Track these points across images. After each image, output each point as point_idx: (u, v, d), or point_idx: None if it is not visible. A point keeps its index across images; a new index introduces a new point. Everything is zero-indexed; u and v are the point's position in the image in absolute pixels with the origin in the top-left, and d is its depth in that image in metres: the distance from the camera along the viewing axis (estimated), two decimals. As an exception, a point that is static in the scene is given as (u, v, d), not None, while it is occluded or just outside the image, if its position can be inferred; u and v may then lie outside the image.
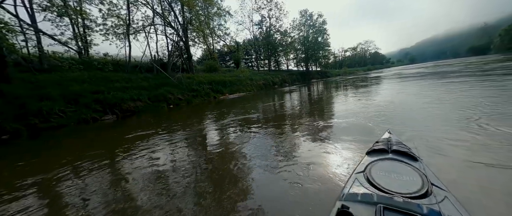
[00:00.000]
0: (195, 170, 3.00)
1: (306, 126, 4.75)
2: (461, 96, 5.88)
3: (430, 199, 0.97)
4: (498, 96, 5.25)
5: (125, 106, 10.47)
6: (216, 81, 17.69)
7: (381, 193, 1.05)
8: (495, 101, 4.74)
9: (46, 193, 2.69)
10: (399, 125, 3.92)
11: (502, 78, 8.36)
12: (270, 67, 37.16)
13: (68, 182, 2.94)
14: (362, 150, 2.88)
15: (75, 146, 5.14)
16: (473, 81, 8.80)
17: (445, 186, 1.09)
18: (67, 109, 8.27)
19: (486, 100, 4.98)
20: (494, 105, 4.44)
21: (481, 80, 8.65)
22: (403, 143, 1.68)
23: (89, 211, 2.16)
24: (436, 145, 2.72)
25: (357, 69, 62.86)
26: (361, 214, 0.93)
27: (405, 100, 6.67)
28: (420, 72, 20.29)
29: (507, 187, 1.78)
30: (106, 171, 3.25)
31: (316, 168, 2.58)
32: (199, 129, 5.87)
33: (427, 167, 1.28)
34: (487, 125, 3.26)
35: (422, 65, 43.55)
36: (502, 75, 9.50)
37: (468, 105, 4.67)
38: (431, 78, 12.83)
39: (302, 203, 1.93)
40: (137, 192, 2.48)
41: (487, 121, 3.47)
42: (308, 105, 8.44)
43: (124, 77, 12.59)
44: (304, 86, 21.03)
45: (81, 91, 9.30)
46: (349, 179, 1.27)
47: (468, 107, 4.53)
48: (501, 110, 3.97)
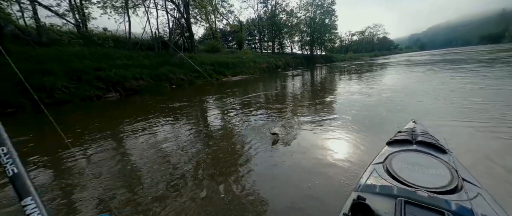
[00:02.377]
0: (202, 157, 3.03)
1: (315, 113, 4.71)
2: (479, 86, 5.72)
3: (460, 195, 0.88)
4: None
5: (128, 85, 10.39)
6: (218, 62, 17.28)
7: (402, 186, 0.98)
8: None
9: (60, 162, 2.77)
10: (417, 114, 3.87)
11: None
12: (274, 50, 36.03)
13: (78, 153, 3.01)
14: (375, 139, 2.87)
15: (82, 121, 5.20)
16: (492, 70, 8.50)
17: (479, 183, 1.00)
18: (70, 85, 8.22)
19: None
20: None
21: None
22: (430, 134, 1.56)
23: (101, 180, 2.24)
24: (465, 137, 2.63)
25: (363, 55, 60.81)
26: (379, 207, 0.86)
27: (416, 87, 6.52)
28: (430, 60, 19.61)
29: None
30: (115, 145, 3.31)
31: (324, 156, 2.60)
32: (206, 111, 5.86)
33: (457, 160, 1.18)
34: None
35: (431, 53, 41.88)
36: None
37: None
38: (441, 67, 12.42)
39: (310, 192, 1.96)
40: (142, 165, 2.54)
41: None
42: (315, 91, 8.31)
43: (125, 54, 12.28)
44: (309, 71, 20.58)
45: (82, 67, 9.14)
46: (366, 170, 1.20)
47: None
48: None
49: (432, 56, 26.51)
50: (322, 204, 1.65)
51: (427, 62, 16.24)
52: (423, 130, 1.65)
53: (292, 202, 1.72)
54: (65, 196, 2.08)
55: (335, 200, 1.66)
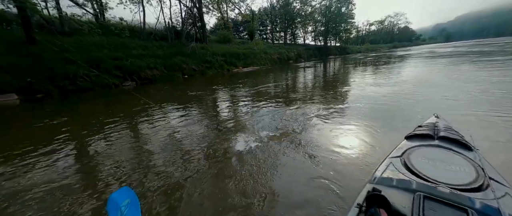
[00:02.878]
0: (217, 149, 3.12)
1: (327, 105, 4.63)
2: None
3: (486, 194, 0.84)
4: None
5: (143, 74, 10.75)
6: (230, 53, 17.23)
7: (421, 180, 0.94)
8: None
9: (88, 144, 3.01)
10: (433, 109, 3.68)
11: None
12: (286, 40, 35.06)
13: (101, 134, 3.25)
14: (391, 133, 2.79)
15: (105, 107, 5.53)
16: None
17: (508, 182, 0.94)
18: (90, 74, 8.67)
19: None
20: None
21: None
22: (454, 129, 1.49)
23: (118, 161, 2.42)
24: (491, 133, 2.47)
25: (381, 46, 57.27)
26: (396, 200, 0.83)
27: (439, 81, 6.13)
28: (456, 51, 18.12)
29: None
30: (133, 130, 3.52)
31: (337, 148, 2.59)
32: (219, 101, 5.97)
33: (484, 158, 1.12)
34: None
35: (456, 44, 38.28)
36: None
37: None
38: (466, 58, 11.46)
39: (322, 184, 1.98)
40: (157, 149, 2.69)
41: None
42: (328, 84, 8.10)
43: (140, 44, 12.62)
44: (322, 63, 19.94)
45: (102, 56, 9.57)
46: (382, 163, 1.17)
47: None
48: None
49: (458, 47, 24.43)
50: (335, 195, 1.67)
51: (452, 54, 15.04)
52: (447, 125, 1.57)
53: (303, 192, 1.75)
54: (88, 171, 2.28)
55: (348, 192, 1.67)
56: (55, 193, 1.95)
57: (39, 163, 2.52)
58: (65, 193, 1.94)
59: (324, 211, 1.53)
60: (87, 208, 1.73)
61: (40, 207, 1.77)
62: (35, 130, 3.83)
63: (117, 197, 0.89)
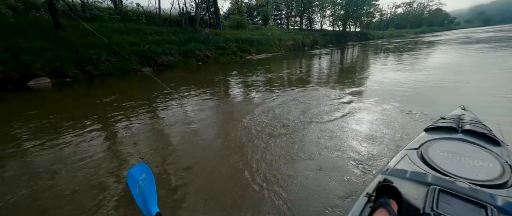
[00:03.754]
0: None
1: (344, 93, 4.48)
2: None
3: (509, 191, 0.79)
4: None
5: (160, 60, 11.08)
6: (243, 39, 16.94)
7: (438, 174, 0.90)
8: None
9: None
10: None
11: None
12: (302, 26, 33.50)
13: (124, 116, 3.50)
14: (411, 124, 2.66)
15: (127, 90, 5.87)
16: None
17: None
18: (112, 59, 9.12)
19: None
20: None
21: None
22: (482, 122, 1.38)
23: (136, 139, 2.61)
24: None
25: (407, 31, 52.22)
26: (409, 192, 0.80)
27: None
28: (495, 37, 16.05)
29: None
30: (156, 113, 3.73)
31: (350, 138, 2.54)
32: (232, 88, 6.02)
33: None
34: None
35: (496, 28, 33.46)
36: None
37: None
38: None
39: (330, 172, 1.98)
40: (173, 133, 2.84)
41: None
42: (346, 72, 7.75)
43: (156, 30, 12.86)
44: (339, 50, 18.91)
45: (121, 42, 9.94)
46: (397, 154, 1.12)
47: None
48: None
49: (498, 32, 21.55)
50: (345, 183, 1.67)
51: (490, 40, 13.35)
52: (474, 118, 1.45)
53: (312, 179, 1.76)
54: (110, 146, 2.50)
55: (358, 181, 1.67)
56: (87, 162, 2.18)
57: (77, 136, 2.81)
58: (97, 163, 2.17)
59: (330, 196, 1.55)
60: (112, 179, 1.92)
61: (71, 176, 2.00)
62: (75, 110, 4.21)
63: (135, 172, 0.95)
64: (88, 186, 1.83)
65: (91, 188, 1.80)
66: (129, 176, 0.92)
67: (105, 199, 1.66)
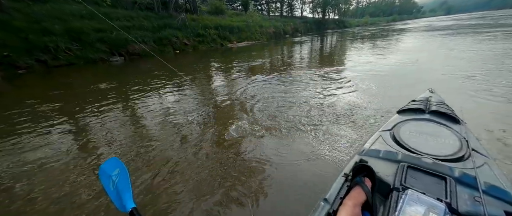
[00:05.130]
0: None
1: (325, 80, 4.57)
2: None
3: (465, 163, 0.89)
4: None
5: (131, 49, 10.10)
6: (223, 26, 16.17)
7: (407, 152, 0.99)
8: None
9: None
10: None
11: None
12: (282, 12, 33.03)
13: (93, 113, 3.14)
14: (385, 107, 2.80)
15: (91, 83, 5.27)
16: None
17: (488, 153, 0.99)
18: (72, 47, 8.05)
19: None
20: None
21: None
22: (446, 103, 1.52)
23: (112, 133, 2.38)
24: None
25: (380, 19, 54.99)
26: (381, 170, 0.88)
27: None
28: (449, 25, 17.69)
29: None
30: (129, 107, 3.41)
31: (328, 122, 2.61)
32: (215, 82, 5.77)
33: (470, 131, 1.17)
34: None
35: (455, 17, 36.89)
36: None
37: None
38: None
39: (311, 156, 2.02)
40: (150, 126, 2.65)
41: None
42: (327, 59, 7.91)
43: (124, 14, 11.55)
44: (319, 37, 19.20)
45: (82, 27, 8.75)
46: (373, 136, 1.20)
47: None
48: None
49: (456, 21, 23.79)
50: (325, 165, 1.72)
51: (449, 27, 14.68)
52: (439, 100, 1.60)
53: (294, 163, 1.78)
54: (77, 138, 2.24)
55: (337, 163, 1.73)
56: (52, 164, 1.92)
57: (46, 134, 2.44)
58: (63, 163, 1.92)
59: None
60: (82, 177, 1.72)
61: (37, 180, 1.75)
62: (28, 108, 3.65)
63: (107, 167, 0.90)
64: (57, 187, 1.62)
65: (60, 189, 1.59)
66: (101, 172, 0.87)
67: (77, 198, 1.49)
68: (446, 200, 0.71)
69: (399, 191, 0.77)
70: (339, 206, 0.78)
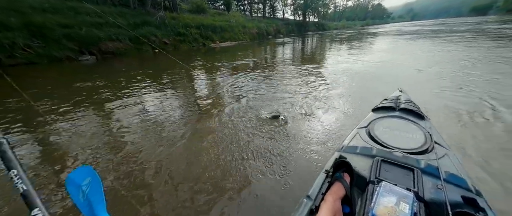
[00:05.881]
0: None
1: (307, 81, 4.69)
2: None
3: (429, 155, 0.98)
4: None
5: (104, 47, 9.34)
6: (205, 25, 15.80)
7: (380, 147, 1.07)
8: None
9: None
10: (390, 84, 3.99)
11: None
12: (265, 13, 33.41)
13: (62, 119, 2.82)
14: (362, 106, 2.94)
15: (60, 81, 4.73)
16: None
17: (447, 145, 1.11)
18: (34, 44, 7.18)
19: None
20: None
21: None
22: (413, 102, 1.66)
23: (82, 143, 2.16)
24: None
25: (356, 23, 58.87)
26: (359, 165, 0.94)
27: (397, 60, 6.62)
28: (410, 31, 19.56)
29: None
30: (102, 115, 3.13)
31: (311, 121, 2.68)
32: (198, 84, 5.59)
33: (433, 126, 1.29)
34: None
35: (418, 23, 40.98)
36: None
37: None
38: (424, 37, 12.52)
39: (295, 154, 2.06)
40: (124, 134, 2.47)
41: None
42: (309, 60, 8.15)
43: (96, 10, 10.62)
44: (301, 39, 19.78)
45: (45, 22, 7.86)
46: (350, 133, 1.28)
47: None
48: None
49: (417, 26, 26.40)
50: (308, 164, 1.75)
51: (415, 32, 16.24)
52: (407, 98, 1.75)
53: (275, 162, 1.78)
54: (42, 151, 2.00)
55: (320, 161, 1.76)
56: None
57: None
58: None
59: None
60: (47, 190, 1.53)
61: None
62: None
63: (76, 176, 0.80)
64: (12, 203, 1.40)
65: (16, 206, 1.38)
66: (69, 182, 0.76)
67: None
68: (414, 189, 0.77)
69: (374, 183, 0.82)
70: (321, 202, 0.81)
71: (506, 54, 5.25)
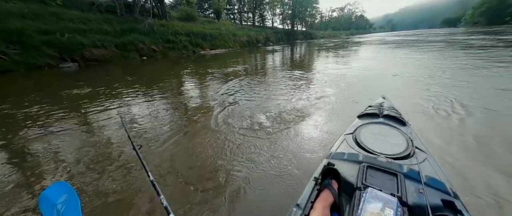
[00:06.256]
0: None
1: (297, 88, 4.78)
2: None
3: (411, 160, 1.02)
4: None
5: (88, 54, 8.99)
6: (195, 32, 15.83)
7: (366, 153, 1.10)
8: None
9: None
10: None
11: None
12: (254, 22, 34.18)
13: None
14: (349, 113, 3.06)
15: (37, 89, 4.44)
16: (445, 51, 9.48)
17: (427, 150, 1.16)
18: (9, 51, 6.75)
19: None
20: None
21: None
22: (395, 108, 1.73)
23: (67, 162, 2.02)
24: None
25: (341, 33, 61.97)
26: (346, 171, 0.97)
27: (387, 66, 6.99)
28: (398, 39, 20.95)
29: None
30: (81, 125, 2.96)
31: (300, 129, 2.72)
32: (190, 95, 5.49)
33: (413, 131, 1.35)
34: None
35: (399, 33, 44.18)
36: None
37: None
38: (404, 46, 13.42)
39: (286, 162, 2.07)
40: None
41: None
42: (299, 67, 8.34)
43: (79, 16, 10.30)
44: (290, 47, 20.33)
45: (23, 28, 7.45)
46: (338, 140, 1.32)
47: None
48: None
49: (397, 36, 28.31)
50: (298, 171, 1.73)
51: (395, 41, 17.37)
52: (390, 105, 1.82)
53: (267, 170, 1.76)
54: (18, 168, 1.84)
55: (310, 167, 1.75)
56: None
57: None
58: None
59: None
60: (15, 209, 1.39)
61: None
62: None
63: (51, 193, 0.74)
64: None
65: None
66: (42, 200, 0.70)
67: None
68: (398, 194, 0.79)
69: (361, 190, 0.84)
70: (310, 210, 0.82)
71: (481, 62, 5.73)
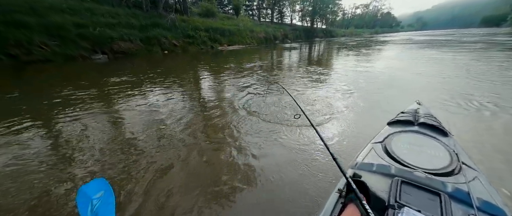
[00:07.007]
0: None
1: (316, 89, 4.64)
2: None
3: (457, 178, 0.88)
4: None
5: (116, 47, 9.62)
6: (214, 28, 16.08)
7: (399, 166, 0.97)
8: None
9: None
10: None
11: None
12: (273, 19, 33.73)
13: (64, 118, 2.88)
14: (376, 119, 2.82)
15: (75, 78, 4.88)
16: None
17: (477, 167, 0.99)
18: (50, 42, 7.46)
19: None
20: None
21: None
22: (434, 116, 1.53)
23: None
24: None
25: (364, 31, 58.37)
26: (375, 185, 0.85)
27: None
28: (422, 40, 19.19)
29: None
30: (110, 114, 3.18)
31: (322, 134, 2.63)
32: (211, 91, 5.62)
33: (458, 144, 1.17)
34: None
35: (429, 33, 39.99)
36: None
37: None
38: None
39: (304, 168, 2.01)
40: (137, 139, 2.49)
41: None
42: (319, 66, 8.08)
43: (110, 11, 11.02)
44: (308, 45, 19.74)
45: (63, 22, 8.17)
46: (364, 148, 1.19)
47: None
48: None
49: (428, 36, 25.89)
50: (318, 181, 1.61)
51: (426, 41, 15.93)
52: (427, 112, 1.63)
53: (286, 178, 1.68)
54: (61, 158, 2.03)
55: (331, 177, 1.62)
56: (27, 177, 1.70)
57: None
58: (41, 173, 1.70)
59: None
60: (59, 194, 1.54)
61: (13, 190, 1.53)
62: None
63: (89, 188, 0.78)
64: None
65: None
66: (80, 194, 0.75)
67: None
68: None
69: (394, 208, 0.74)
70: None
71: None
